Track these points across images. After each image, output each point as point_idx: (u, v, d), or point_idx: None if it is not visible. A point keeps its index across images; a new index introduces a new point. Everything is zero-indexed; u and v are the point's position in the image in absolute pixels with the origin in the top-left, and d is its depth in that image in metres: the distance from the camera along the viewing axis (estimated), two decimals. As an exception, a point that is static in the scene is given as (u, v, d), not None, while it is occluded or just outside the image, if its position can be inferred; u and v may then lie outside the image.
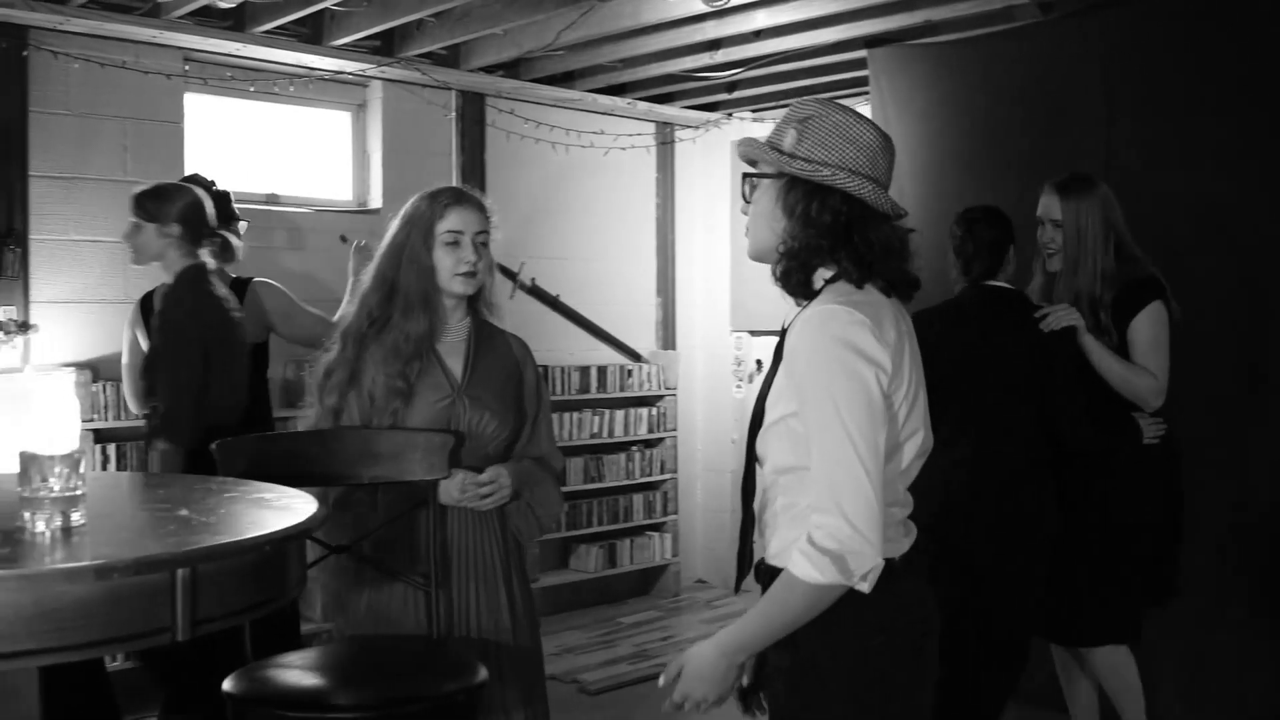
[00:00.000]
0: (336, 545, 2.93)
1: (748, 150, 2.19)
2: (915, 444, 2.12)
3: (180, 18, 4.93)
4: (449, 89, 6.07)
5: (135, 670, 4.77)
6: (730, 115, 6.98)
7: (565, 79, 6.33)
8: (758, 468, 2.21)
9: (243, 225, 4.41)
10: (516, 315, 6.45)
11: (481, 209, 3.07)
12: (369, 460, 2.94)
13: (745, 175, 2.22)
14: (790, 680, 2.10)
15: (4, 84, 4.75)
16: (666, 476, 6.93)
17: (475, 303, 3.12)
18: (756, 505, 2.23)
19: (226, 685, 2.62)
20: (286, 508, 2.22)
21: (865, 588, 1.96)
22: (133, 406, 4.38)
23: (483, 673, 2.71)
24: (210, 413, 3.70)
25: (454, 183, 6.09)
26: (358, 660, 2.85)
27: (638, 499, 6.80)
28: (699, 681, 2.10)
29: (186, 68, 5.26)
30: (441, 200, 3.03)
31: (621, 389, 6.73)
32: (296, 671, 2.71)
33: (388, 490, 3.02)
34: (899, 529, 2.14)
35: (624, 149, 6.82)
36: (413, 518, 3.00)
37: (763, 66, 5.85)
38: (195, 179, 4.36)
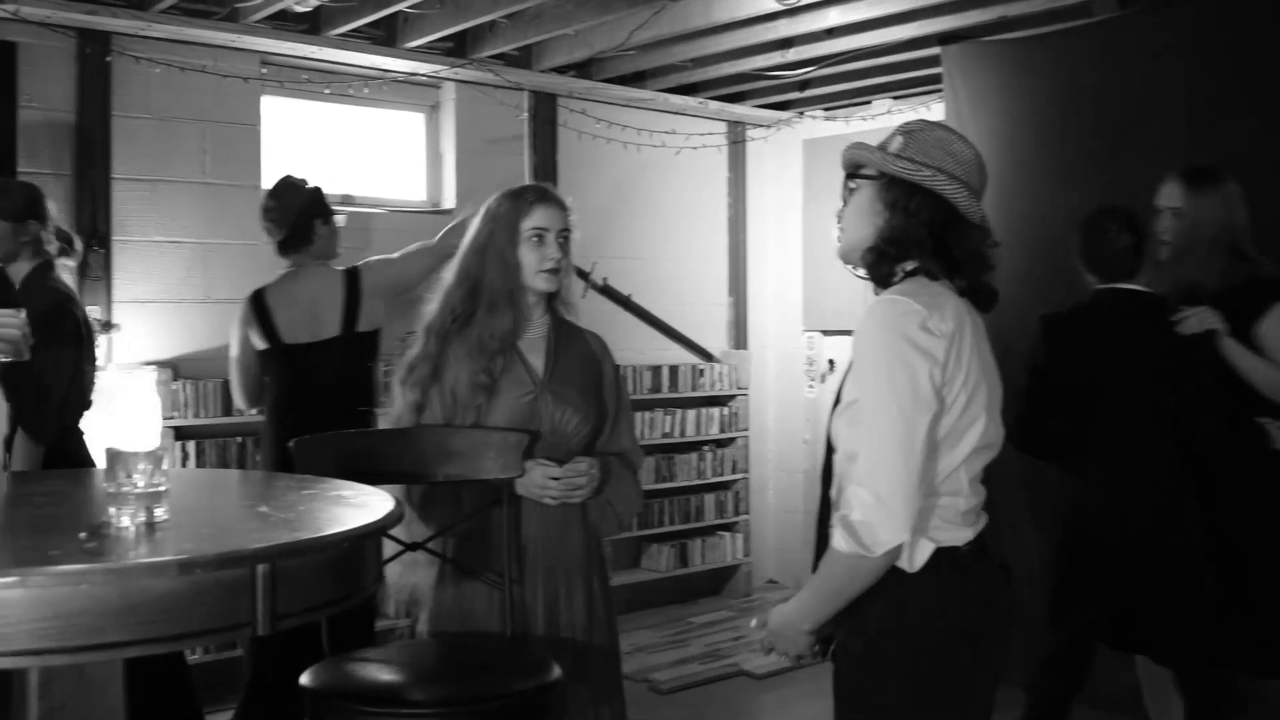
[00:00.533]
0: (412, 542, 2.96)
1: (854, 154, 2.33)
2: (977, 433, 2.20)
3: (258, 22, 5.01)
4: (521, 90, 6.10)
5: (214, 663, 4.86)
6: (802, 114, 6.95)
7: (636, 79, 6.34)
8: (835, 455, 2.30)
9: (340, 219, 4.53)
10: (588, 315, 6.44)
11: (563, 207, 3.09)
12: (445, 458, 2.97)
13: (849, 177, 2.34)
14: (853, 661, 2.23)
15: (89, 89, 4.85)
16: (738, 476, 6.92)
17: (553, 300, 3.14)
18: (833, 492, 2.31)
19: (304, 679, 2.65)
20: (364, 505, 2.24)
21: (900, 563, 2.11)
22: (240, 403, 4.48)
23: (557, 671, 2.71)
24: (70, 411, 3.76)
25: (527, 183, 6.13)
26: (434, 657, 2.87)
27: (709, 499, 6.80)
28: (778, 638, 2.31)
29: (264, 71, 5.33)
30: (527, 198, 3.06)
31: (693, 389, 6.73)
32: (373, 667, 2.74)
33: (471, 488, 3.04)
34: (961, 518, 2.22)
35: (695, 148, 6.82)
36: (493, 515, 3.01)
37: (835, 65, 5.82)
38: (288, 180, 4.45)
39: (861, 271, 2.34)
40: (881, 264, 2.25)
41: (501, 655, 2.89)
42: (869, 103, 6.59)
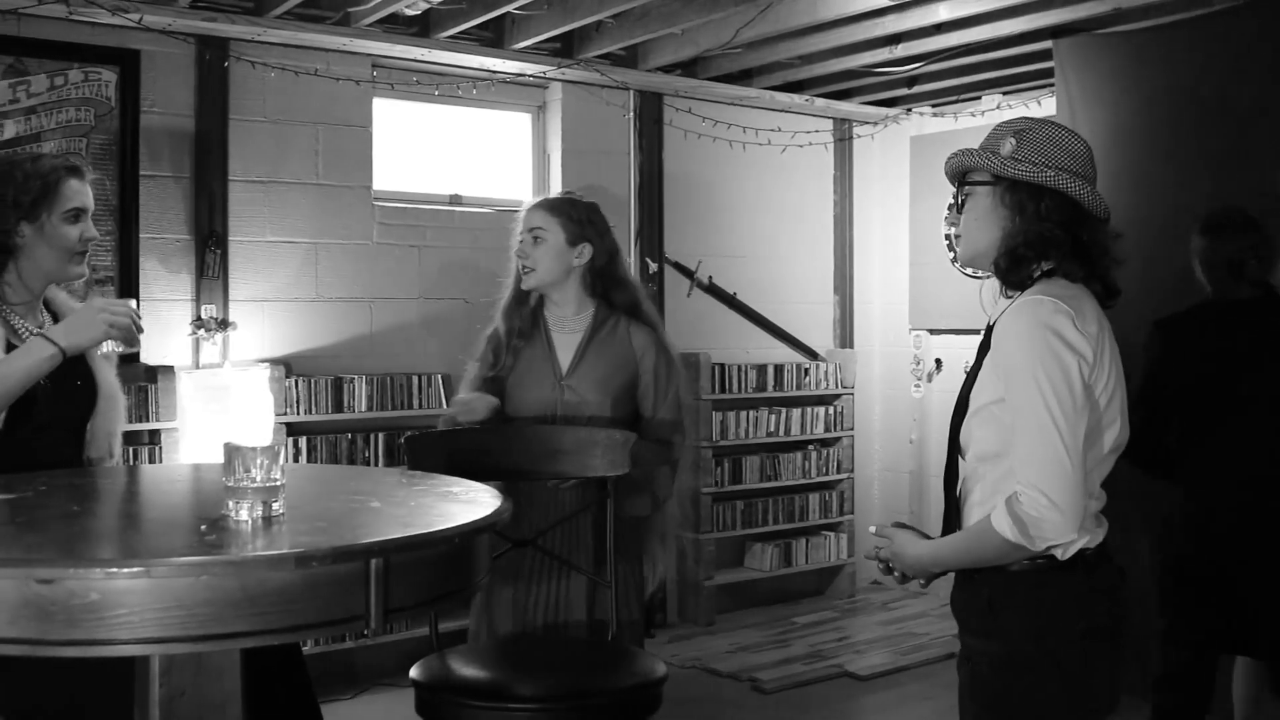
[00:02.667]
0: (518, 540, 2.99)
1: (962, 160, 2.34)
2: (1113, 435, 2.22)
3: (369, 25, 5.09)
4: (627, 89, 6.12)
5: (326, 654, 4.95)
6: (909, 111, 6.87)
7: (742, 77, 6.32)
8: (960, 458, 2.33)
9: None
10: (693, 313, 6.51)
11: (536, 207, 3.40)
12: (553, 456, 3.00)
13: (962, 183, 2.35)
14: (995, 663, 2.24)
15: (207, 94, 4.98)
16: (843, 476, 6.86)
17: (609, 296, 3.40)
18: (958, 493, 2.34)
19: (413, 673, 2.69)
20: (473, 501, 2.26)
21: (1055, 551, 2.14)
22: None
23: (661, 669, 2.72)
24: None
25: (632, 183, 6.17)
26: (538, 653, 2.90)
27: (814, 498, 6.75)
28: (902, 561, 2.36)
29: (375, 74, 5.42)
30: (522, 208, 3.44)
31: (798, 388, 6.69)
32: (479, 662, 2.78)
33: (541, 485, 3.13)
34: (1094, 520, 2.24)
35: (801, 146, 6.78)
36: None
37: (944, 60, 5.74)
38: (568, 196, 4.76)
39: (985, 274, 2.36)
40: (1020, 267, 2.25)
41: (605, 652, 2.90)
42: (978, 98, 6.50)
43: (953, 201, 2.40)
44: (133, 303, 2.83)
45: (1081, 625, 2.20)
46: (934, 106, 6.77)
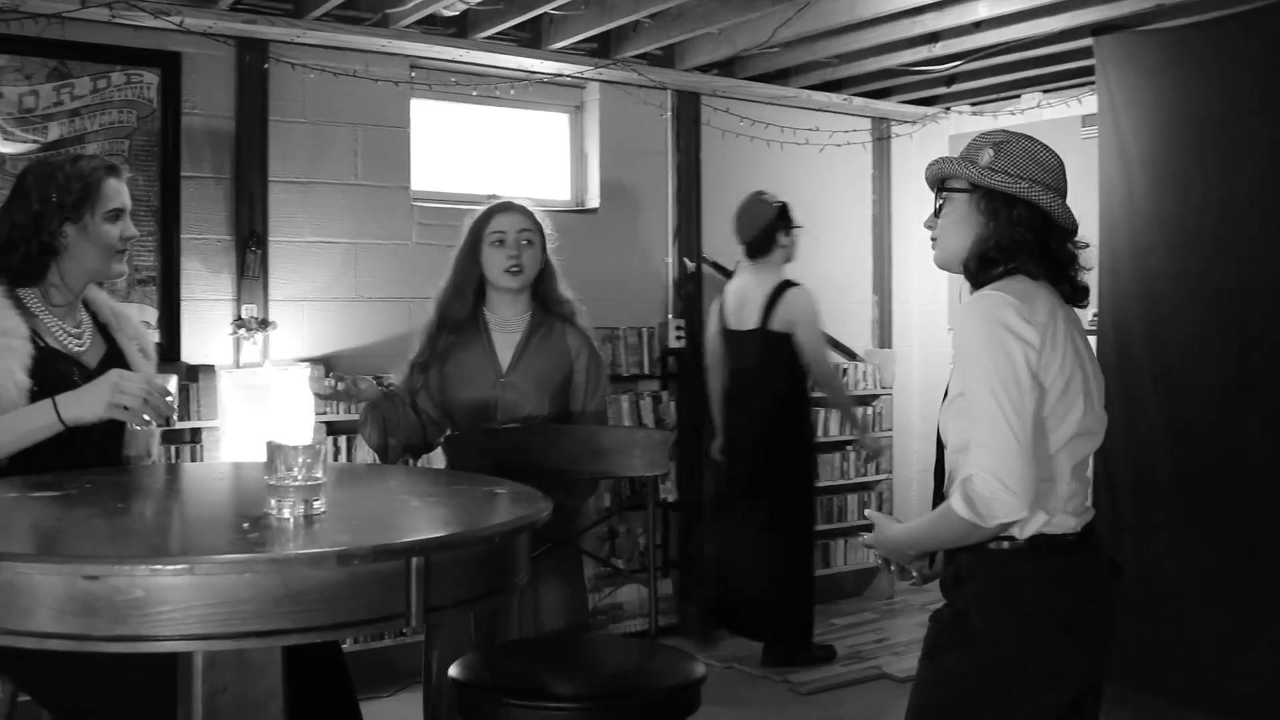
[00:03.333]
0: (558, 538, 3.00)
1: (942, 168, 2.51)
2: (1074, 419, 2.33)
3: (407, 27, 5.11)
4: (664, 89, 6.12)
5: (366, 652, 4.97)
6: (948, 109, 6.83)
7: (780, 76, 6.30)
8: (946, 451, 2.47)
9: (798, 230, 5.52)
10: (730, 313, 6.49)
11: (525, 213, 3.63)
12: (594, 456, 3.01)
13: (940, 189, 2.53)
14: (944, 622, 2.42)
15: (247, 95, 5.01)
16: (881, 477, 6.83)
17: (541, 297, 3.60)
18: (946, 487, 2.45)
19: (453, 671, 2.70)
20: (514, 500, 2.27)
21: (1013, 531, 2.28)
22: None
23: (700, 669, 2.72)
24: None
25: (670, 183, 6.16)
26: (578, 652, 2.90)
27: (852, 499, 6.73)
28: (883, 545, 2.53)
29: (413, 74, 5.44)
30: (489, 208, 3.66)
31: (835, 388, 6.66)
32: (520, 661, 2.78)
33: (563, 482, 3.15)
34: (1064, 504, 2.33)
35: (839, 146, 6.75)
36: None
37: (983, 58, 5.71)
38: (759, 195, 5.47)
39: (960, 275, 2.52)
40: (988, 269, 2.41)
41: (645, 652, 2.90)
42: (1018, 96, 6.45)
43: (935, 207, 2.56)
44: (171, 381, 2.77)
45: (1032, 609, 2.30)
46: (973, 105, 6.73)
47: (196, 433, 4.83)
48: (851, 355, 6.87)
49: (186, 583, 1.75)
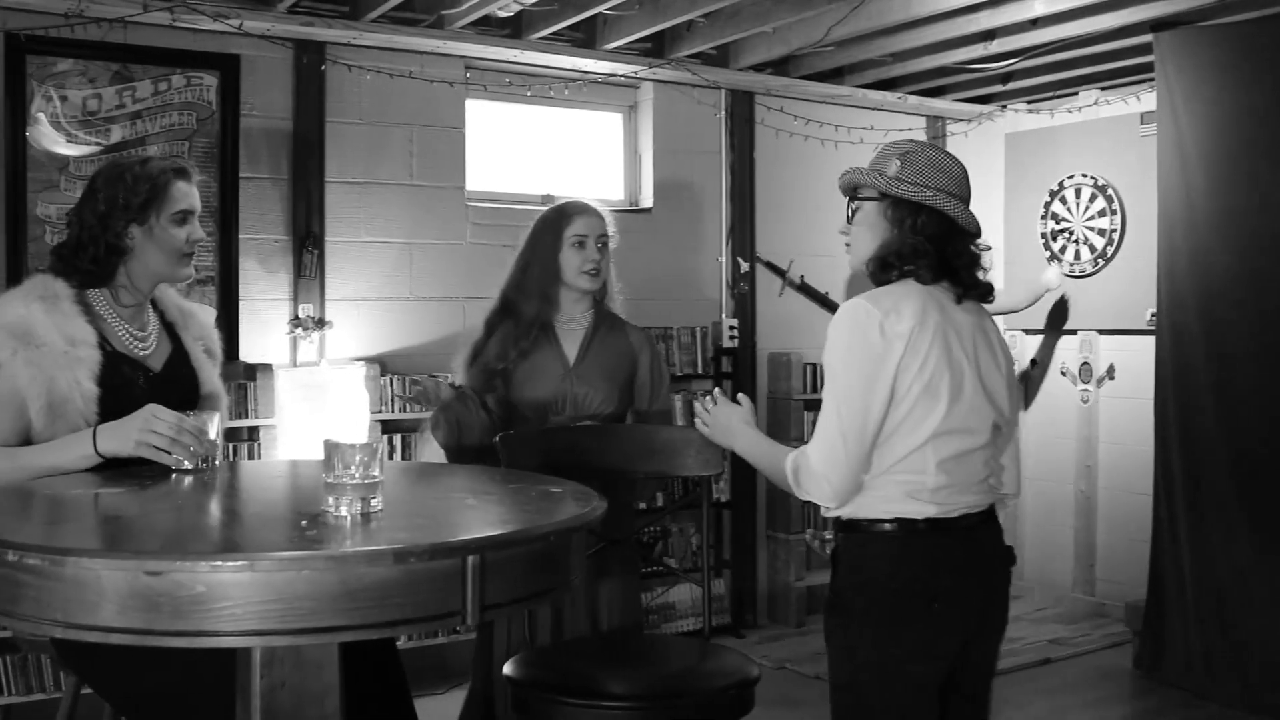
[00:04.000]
0: (611, 538, 3.00)
1: (853, 178, 2.68)
2: (935, 420, 2.49)
3: (462, 28, 5.14)
4: (718, 88, 6.11)
5: (419, 649, 5.01)
6: (1004, 107, 6.77)
7: (834, 75, 6.28)
8: None
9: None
10: (785, 313, 6.48)
11: (601, 216, 3.65)
12: (648, 455, 3.02)
13: (851, 198, 2.71)
14: (828, 605, 2.61)
15: (305, 97, 5.06)
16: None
17: (600, 298, 3.66)
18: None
19: (507, 670, 2.71)
20: (570, 499, 2.28)
21: (803, 496, 2.54)
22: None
23: (754, 669, 2.71)
24: None
25: (724, 182, 6.16)
26: (632, 651, 2.90)
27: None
28: (716, 423, 2.81)
29: (468, 75, 5.47)
30: (569, 210, 3.66)
31: (889, 388, 6.61)
32: (573, 660, 2.79)
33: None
34: (930, 494, 2.50)
35: (893, 144, 6.70)
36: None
37: (1040, 55, 5.65)
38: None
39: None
40: (884, 272, 2.59)
41: (700, 651, 2.90)
42: (1075, 94, 6.38)
43: (847, 213, 2.75)
44: (212, 421, 2.68)
45: (895, 585, 2.50)
46: (1029, 103, 6.66)
47: (254, 431, 4.88)
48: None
49: (247, 579, 1.76)
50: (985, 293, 2.65)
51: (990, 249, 2.71)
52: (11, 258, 4.50)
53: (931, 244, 2.55)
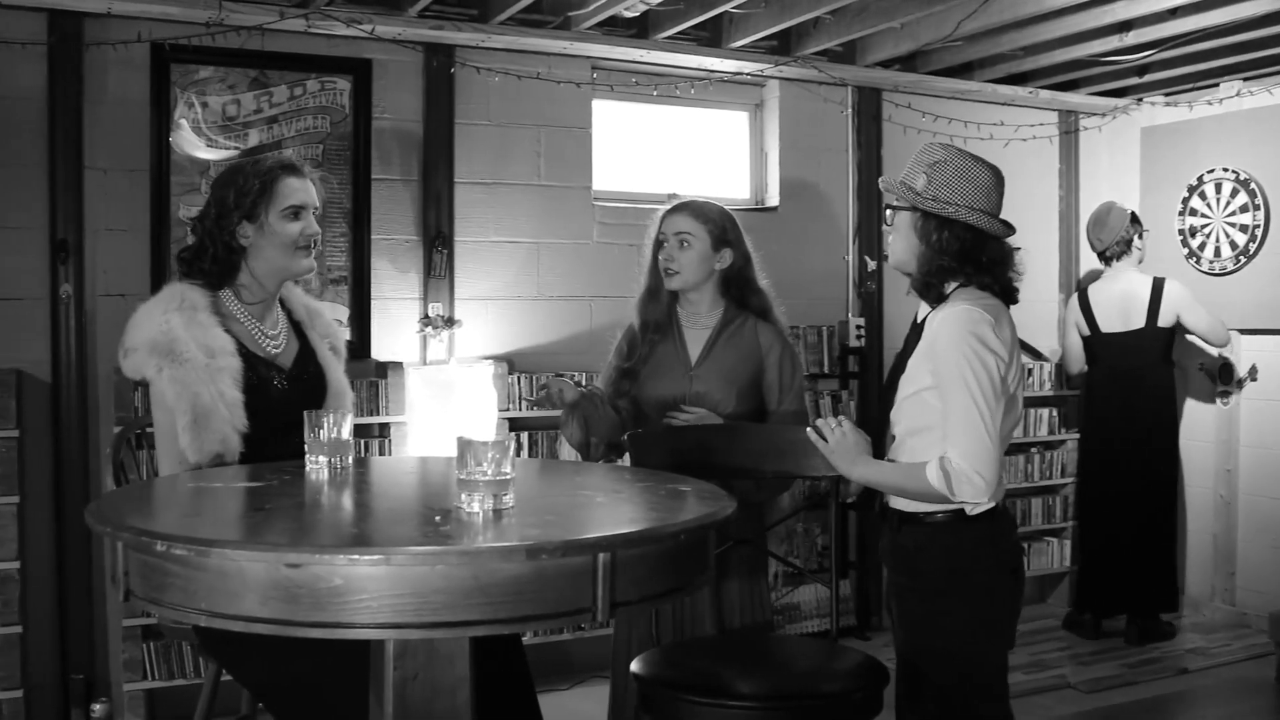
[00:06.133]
0: (740, 538, 2.99)
1: (885, 187, 2.92)
2: (1013, 420, 2.78)
3: (589, 29, 5.17)
4: (845, 85, 6.05)
5: (546, 645, 5.05)
6: (1140, 100, 6.59)
7: (963, 70, 6.18)
8: (889, 434, 2.87)
9: (1147, 234, 5.99)
10: (913, 312, 6.35)
11: (687, 213, 3.60)
12: (775, 455, 3.01)
13: (886, 206, 2.95)
14: (923, 594, 2.78)
15: (435, 99, 5.14)
16: (1066, 481, 6.62)
17: (736, 295, 3.63)
18: (889, 455, 2.88)
19: (635, 667, 2.72)
20: (699, 498, 2.28)
21: (964, 507, 2.71)
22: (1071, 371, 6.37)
23: (885, 670, 2.68)
24: None
25: (850, 180, 6.10)
26: (758, 652, 2.89)
27: (1036, 503, 6.54)
28: (840, 458, 2.82)
29: (594, 75, 5.50)
30: (660, 211, 3.69)
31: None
32: (700, 659, 2.78)
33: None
34: (1002, 487, 2.74)
35: (1025, 140, 6.58)
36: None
37: (1178, 46, 5.49)
38: (1111, 204, 6.01)
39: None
40: (929, 291, 2.83)
41: (827, 652, 2.88)
42: (1215, 85, 6.19)
43: (885, 217, 2.99)
44: (343, 424, 2.65)
45: (987, 564, 2.75)
46: (1167, 95, 6.47)
47: (385, 427, 4.97)
48: (1037, 355, 6.68)
49: (383, 573, 1.80)
50: (1014, 294, 2.87)
51: (1019, 249, 2.91)
52: (156, 259, 4.66)
53: (959, 259, 2.77)
